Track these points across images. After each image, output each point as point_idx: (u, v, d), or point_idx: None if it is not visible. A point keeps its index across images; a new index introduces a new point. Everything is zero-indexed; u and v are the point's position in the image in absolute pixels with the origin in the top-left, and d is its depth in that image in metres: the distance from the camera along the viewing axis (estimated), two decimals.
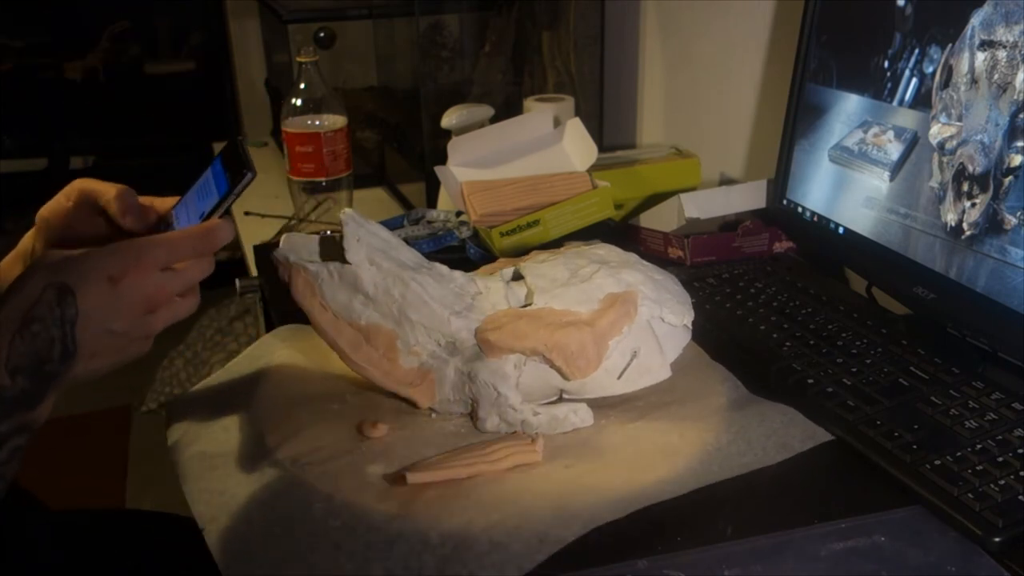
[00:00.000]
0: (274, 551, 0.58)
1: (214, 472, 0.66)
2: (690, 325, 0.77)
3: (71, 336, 0.52)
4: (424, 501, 0.62)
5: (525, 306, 0.74)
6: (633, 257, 0.79)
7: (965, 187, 0.76)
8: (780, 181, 1.00)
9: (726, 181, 1.25)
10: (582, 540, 0.58)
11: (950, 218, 0.78)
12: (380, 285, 0.71)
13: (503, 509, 0.61)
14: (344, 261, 0.70)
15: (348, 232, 0.70)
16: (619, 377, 0.72)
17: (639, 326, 0.72)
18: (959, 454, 0.64)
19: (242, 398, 0.76)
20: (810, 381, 0.75)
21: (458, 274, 0.75)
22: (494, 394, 0.70)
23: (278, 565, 0.57)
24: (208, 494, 0.64)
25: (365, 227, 0.72)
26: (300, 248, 0.74)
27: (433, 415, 0.74)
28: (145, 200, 0.71)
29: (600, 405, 0.73)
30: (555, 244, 1.04)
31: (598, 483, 0.64)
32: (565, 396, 0.74)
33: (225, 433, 0.71)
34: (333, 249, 0.74)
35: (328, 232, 0.78)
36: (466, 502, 0.62)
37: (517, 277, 0.77)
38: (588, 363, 0.70)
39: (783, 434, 0.69)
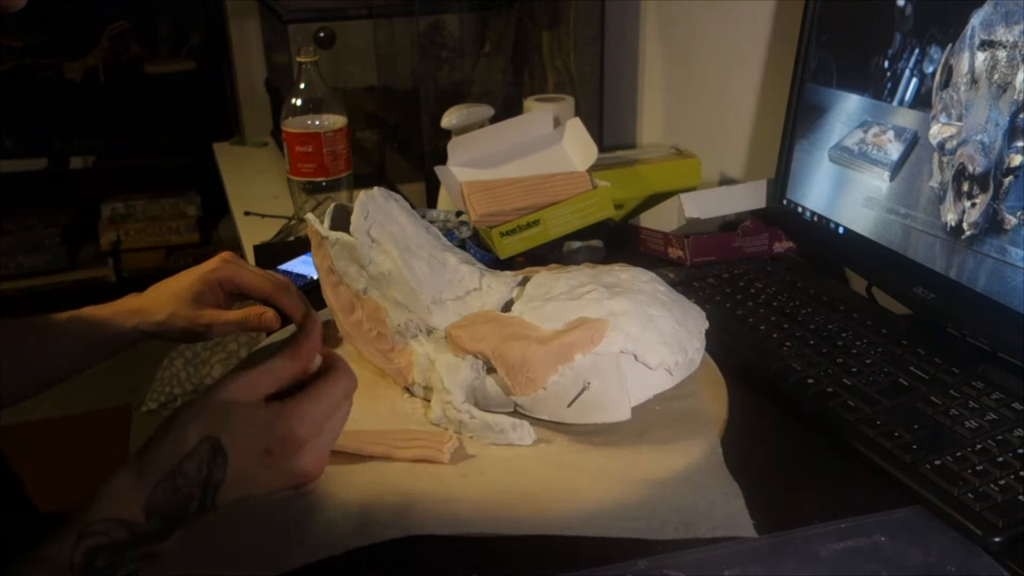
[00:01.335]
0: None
1: None
2: (674, 371, 0.70)
3: (211, 498, 0.50)
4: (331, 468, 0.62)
5: (506, 311, 0.74)
6: (649, 288, 0.73)
7: (965, 187, 0.76)
8: (780, 181, 1.00)
9: (726, 181, 1.25)
10: (582, 540, 0.58)
11: (950, 218, 0.78)
12: (375, 261, 0.73)
13: (363, 491, 0.63)
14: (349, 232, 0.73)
15: (358, 205, 0.73)
16: (569, 405, 0.68)
17: (603, 358, 0.68)
18: (959, 454, 0.64)
19: None
20: (810, 381, 0.75)
21: (465, 267, 0.76)
22: (442, 387, 0.71)
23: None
24: None
25: (382, 205, 0.75)
26: (342, 217, 0.77)
27: (406, 395, 0.76)
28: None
29: (557, 429, 0.70)
30: (556, 244, 1.04)
31: (469, 496, 0.62)
32: (519, 410, 0.71)
33: None
34: (345, 219, 0.76)
35: (345, 203, 0.80)
36: (348, 477, 0.64)
37: (524, 283, 0.78)
38: (529, 381, 0.68)
39: (699, 514, 0.60)
